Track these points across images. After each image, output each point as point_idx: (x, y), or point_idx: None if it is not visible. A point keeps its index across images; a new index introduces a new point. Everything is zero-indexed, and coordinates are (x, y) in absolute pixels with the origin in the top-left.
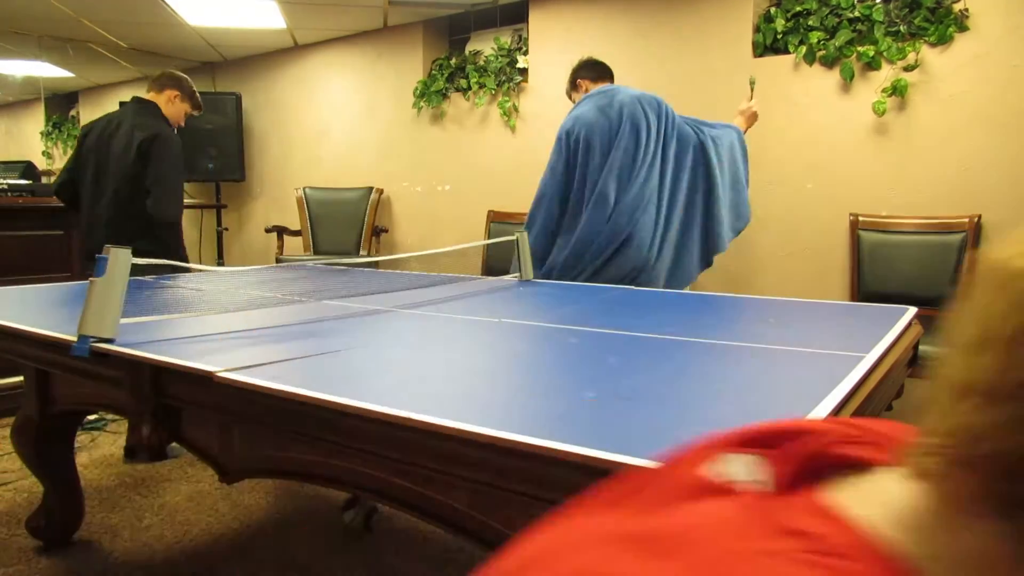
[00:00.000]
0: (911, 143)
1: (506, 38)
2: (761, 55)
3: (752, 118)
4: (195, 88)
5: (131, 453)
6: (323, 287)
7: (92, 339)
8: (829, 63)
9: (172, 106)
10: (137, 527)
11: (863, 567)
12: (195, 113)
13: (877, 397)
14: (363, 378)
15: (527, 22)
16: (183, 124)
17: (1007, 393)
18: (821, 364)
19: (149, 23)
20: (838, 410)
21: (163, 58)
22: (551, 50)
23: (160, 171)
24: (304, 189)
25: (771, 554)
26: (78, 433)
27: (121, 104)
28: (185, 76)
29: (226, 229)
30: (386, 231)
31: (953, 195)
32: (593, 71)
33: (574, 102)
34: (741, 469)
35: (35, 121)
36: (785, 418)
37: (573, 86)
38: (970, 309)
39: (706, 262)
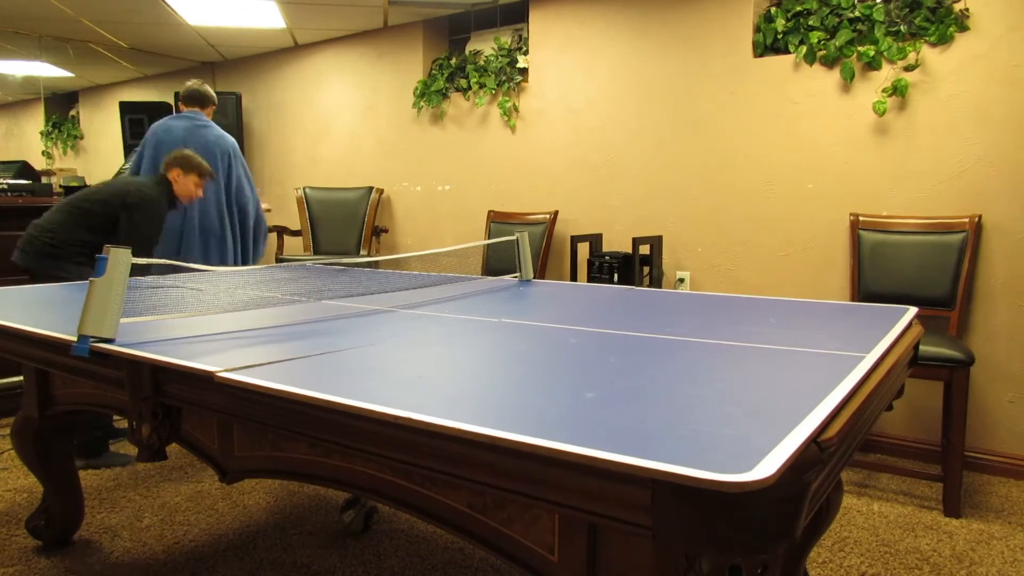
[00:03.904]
0: (911, 143)
1: (506, 38)
2: (761, 55)
3: None
4: (196, 162)
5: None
6: (323, 287)
7: (92, 339)
8: (829, 63)
9: (178, 184)
10: (137, 527)
11: None
12: (204, 181)
13: (877, 397)
14: (363, 378)
15: (527, 22)
16: (199, 195)
17: None
18: (821, 364)
19: (149, 23)
20: (838, 410)
21: (163, 58)
22: (551, 50)
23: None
24: (304, 189)
25: None
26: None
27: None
28: (185, 155)
29: None
30: (386, 231)
31: (953, 195)
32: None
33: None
34: None
35: (35, 121)
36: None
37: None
38: None
39: None
